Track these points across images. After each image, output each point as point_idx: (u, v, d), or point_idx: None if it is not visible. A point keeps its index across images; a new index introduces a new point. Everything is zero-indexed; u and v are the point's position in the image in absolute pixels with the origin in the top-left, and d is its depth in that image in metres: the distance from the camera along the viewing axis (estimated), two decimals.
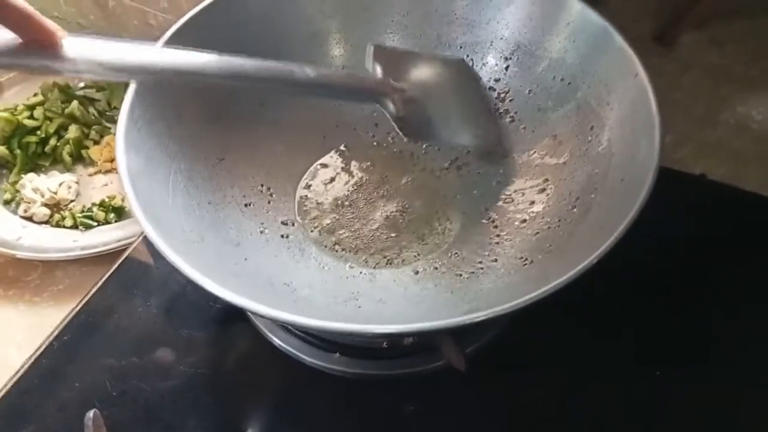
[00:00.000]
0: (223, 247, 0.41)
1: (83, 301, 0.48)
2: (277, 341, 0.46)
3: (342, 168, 0.51)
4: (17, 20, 0.29)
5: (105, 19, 0.88)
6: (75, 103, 0.76)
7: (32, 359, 0.46)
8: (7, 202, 0.71)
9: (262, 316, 0.44)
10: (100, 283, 0.50)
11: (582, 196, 0.41)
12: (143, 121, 0.41)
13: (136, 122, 0.40)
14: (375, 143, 0.52)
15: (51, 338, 0.47)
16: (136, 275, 0.51)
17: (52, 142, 0.74)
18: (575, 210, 0.41)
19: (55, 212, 0.70)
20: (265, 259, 0.43)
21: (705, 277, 0.50)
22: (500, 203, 0.47)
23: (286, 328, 0.46)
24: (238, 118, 0.48)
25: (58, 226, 0.68)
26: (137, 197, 0.36)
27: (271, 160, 0.49)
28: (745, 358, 0.46)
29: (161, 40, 0.43)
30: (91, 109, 0.79)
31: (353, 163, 0.51)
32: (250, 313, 0.47)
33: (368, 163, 0.51)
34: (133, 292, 0.50)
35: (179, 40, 0.43)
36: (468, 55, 0.50)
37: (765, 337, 0.47)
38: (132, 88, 0.41)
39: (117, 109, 0.79)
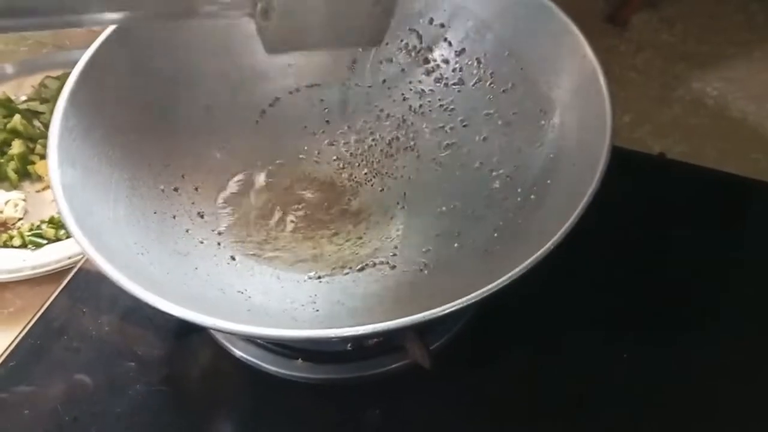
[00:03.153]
0: (171, 258, 0.39)
1: (30, 324, 0.46)
2: (237, 352, 0.44)
3: (295, 174, 0.49)
4: None
5: None
6: (17, 117, 0.73)
7: None
8: None
9: (212, 329, 0.43)
10: (47, 304, 0.47)
11: (538, 183, 0.40)
12: (79, 129, 0.39)
13: (71, 131, 0.38)
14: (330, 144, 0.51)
15: None
16: (86, 292, 0.48)
17: None
18: (532, 197, 0.40)
19: (2, 232, 0.66)
20: (217, 268, 0.41)
21: (669, 255, 0.50)
22: (460, 193, 0.46)
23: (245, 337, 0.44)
24: (183, 122, 0.46)
25: (5, 246, 0.65)
26: (72, 211, 0.34)
27: (219, 167, 0.47)
28: (712, 336, 0.46)
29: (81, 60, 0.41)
30: (36, 123, 0.75)
31: (307, 169, 0.49)
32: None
33: (322, 167, 0.49)
34: (83, 310, 0.47)
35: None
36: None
37: (731, 313, 0.47)
38: (65, 95, 0.39)
39: None
